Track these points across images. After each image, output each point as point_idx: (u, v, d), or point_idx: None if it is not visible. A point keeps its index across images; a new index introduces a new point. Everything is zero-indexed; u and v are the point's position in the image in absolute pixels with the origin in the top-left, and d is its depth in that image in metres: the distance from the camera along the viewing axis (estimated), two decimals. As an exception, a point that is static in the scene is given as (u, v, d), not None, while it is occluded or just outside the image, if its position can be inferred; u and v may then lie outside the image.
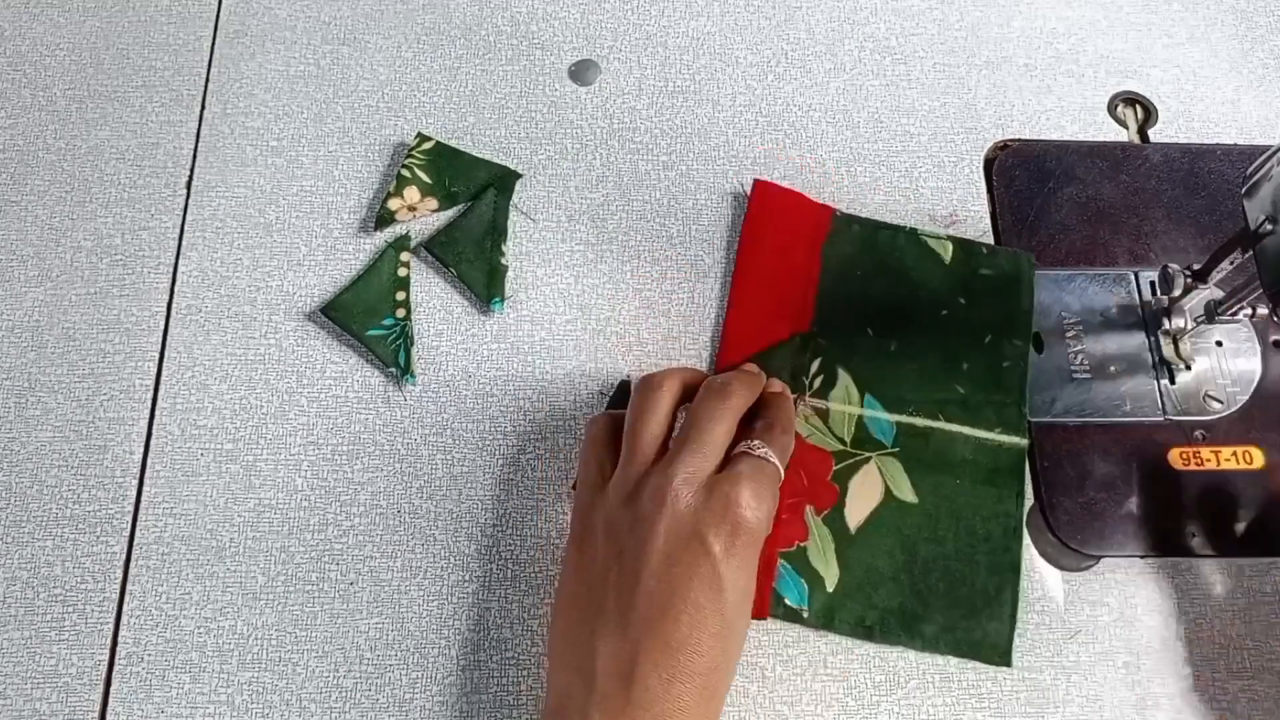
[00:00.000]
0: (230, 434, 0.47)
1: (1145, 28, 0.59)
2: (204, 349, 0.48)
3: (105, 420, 0.47)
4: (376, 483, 0.46)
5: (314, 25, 0.56)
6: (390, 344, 0.48)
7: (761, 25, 0.57)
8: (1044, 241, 0.52)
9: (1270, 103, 0.57)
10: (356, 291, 0.49)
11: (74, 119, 0.53)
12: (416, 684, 0.43)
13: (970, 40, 0.57)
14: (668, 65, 0.56)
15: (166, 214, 0.51)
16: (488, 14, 0.57)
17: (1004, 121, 0.55)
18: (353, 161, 0.53)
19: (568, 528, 0.44)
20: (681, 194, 0.53)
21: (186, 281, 0.50)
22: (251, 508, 0.45)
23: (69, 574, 0.44)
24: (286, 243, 0.51)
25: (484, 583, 0.45)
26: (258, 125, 0.53)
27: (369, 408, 0.48)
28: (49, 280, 0.50)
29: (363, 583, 0.44)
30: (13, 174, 0.52)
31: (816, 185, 0.53)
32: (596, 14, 0.57)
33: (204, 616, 0.44)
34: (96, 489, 0.46)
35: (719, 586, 0.35)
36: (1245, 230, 0.40)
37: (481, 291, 0.49)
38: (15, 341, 0.48)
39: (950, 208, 0.53)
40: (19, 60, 0.55)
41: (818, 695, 0.43)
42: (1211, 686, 0.43)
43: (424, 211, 0.51)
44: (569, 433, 0.47)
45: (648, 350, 0.49)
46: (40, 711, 0.42)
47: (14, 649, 0.43)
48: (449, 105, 0.54)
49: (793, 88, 0.56)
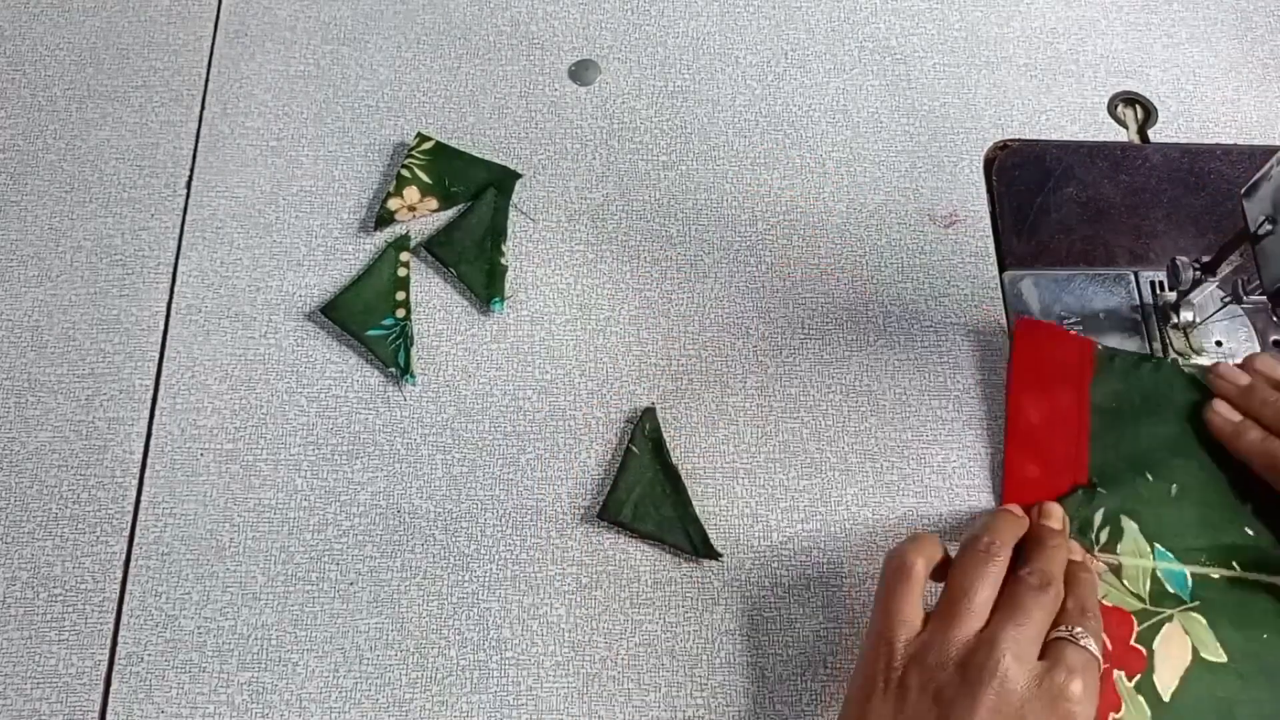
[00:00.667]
0: (230, 434, 0.47)
1: (1145, 28, 0.59)
2: (204, 349, 0.48)
3: (105, 420, 0.47)
4: (376, 483, 0.46)
5: (314, 25, 0.56)
6: (390, 344, 0.48)
7: (761, 25, 0.57)
8: (1044, 241, 0.52)
9: (1270, 103, 0.57)
10: (356, 291, 0.49)
11: (74, 119, 0.53)
12: (416, 684, 0.43)
13: (970, 40, 0.57)
14: (668, 65, 0.56)
15: (166, 214, 0.51)
16: (488, 14, 0.57)
17: (1004, 121, 0.55)
18: (353, 161, 0.53)
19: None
20: (681, 194, 0.53)
21: (186, 281, 0.50)
22: (251, 508, 0.45)
23: (69, 574, 0.44)
24: (286, 243, 0.51)
25: (484, 583, 0.45)
26: (258, 125, 0.53)
27: (369, 408, 0.48)
28: (49, 280, 0.50)
29: (362, 583, 0.44)
30: (13, 174, 0.52)
31: (816, 185, 0.53)
32: (596, 14, 0.57)
33: (204, 616, 0.44)
34: (96, 489, 0.46)
35: None
36: (1245, 230, 0.40)
37: (481, 291, 0.49)
38: (15, 341, 0.48)
39: (950, 208, 0.53)
40: (19, 60, 0.55)
41: (817, 695, 0.43)
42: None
43: (424, 211, 0.51)
44: (569, 433, 0.47)
45: (648, 350, 0.49)
46: (40, 711, 0.42)
47: (14, 649, 0.43)
48: (449, 105, 0.54)
49: (793, 88, 0.56)
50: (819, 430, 0.48)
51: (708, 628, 0.44)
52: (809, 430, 0.48)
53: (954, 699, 0.35)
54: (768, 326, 0.50)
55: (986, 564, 0.39)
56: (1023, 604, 0.38)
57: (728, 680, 0.43)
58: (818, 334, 0.50)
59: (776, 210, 0.53)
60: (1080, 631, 0.37)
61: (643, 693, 0.43)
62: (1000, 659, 0.36)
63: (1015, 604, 0.38)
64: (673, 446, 0.47)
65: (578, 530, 0.46)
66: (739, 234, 0.52)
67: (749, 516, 0.46)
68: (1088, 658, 0.37)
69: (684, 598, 0.45)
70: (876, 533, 0.46)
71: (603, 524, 0.46)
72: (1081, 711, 0.36)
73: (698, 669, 0.44)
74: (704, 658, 0.44)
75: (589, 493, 0.46)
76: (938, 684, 0.36)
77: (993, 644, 0.36)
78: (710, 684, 0.43)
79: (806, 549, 0.46)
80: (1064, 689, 0.35)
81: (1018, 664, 0.36)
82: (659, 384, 0.49)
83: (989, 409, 0.49)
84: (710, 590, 0.45)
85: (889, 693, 0.37)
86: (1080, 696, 0.36)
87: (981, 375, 0.49)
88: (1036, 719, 0.35)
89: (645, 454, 0.46)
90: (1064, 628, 0.38)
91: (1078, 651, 0.37)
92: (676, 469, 0.46)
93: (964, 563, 0.40)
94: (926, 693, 0.36)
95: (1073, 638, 0.37)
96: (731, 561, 0.45)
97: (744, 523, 0.46)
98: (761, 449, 0.48)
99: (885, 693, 0.37)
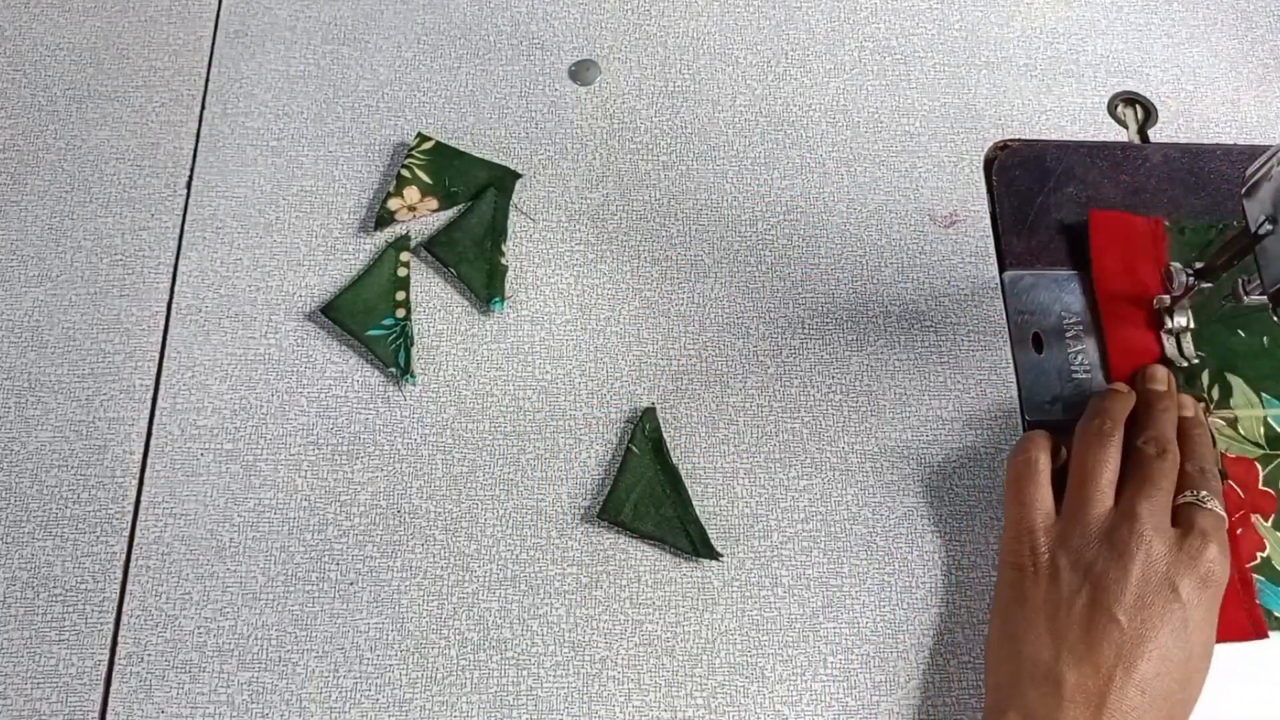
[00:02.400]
0: (230, 434, 0.47)
1: (1145, 28, 0.59)
2: (204, 349, 0.48)
3: (105, 420, 0.47)
4: (376, 483, 0.46)
5: (314, 25, 0.56)
6: (390, 344, 0.48)
7: (761, 25, 0.57)
8: (1044, 241, 0.52)
9: (1270, 103, 0.57)
10: (356, 291, 0.49)
11: (74, 119, 0.53)
12: (416, 684, 0.43)
13: (970, 40, 0.57)
14: (668, 65, 0.56)
15: (166, 214, 0.51)
16: (488, 14, 0.57)
17: (1004, 121, 0.55)
18: (353, 161, 0.53)
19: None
20: (681, 194, 0.53)
21: (186, 281, 0.50)
22: (251, 508, 0.45)
23: (69, 574, 0.44)
24: (286, 243, 0.51)
25: (484, 583, 0.45)
26: (258, 125, 0.53)
27: (369, 408, 0.48)
28: (49, 280, 0.50)
29: (362, 583, 0.44)
30: (13, 174, 0.52)
31: (816, 185, 0.53)
32: (596, 14, 0.57)
33: (204, 616, 0.44)
34: (96, 489, 0.46)
35: (1186, 633, 0.38)
36: (1245, 230, 0.40)
37: (481, 291, 0.49)
38: (15, 341, 0.48)
39: (950, 208, 0.53)
40: (19, 60, 0.55)
41: (818, 695, 0.43)
42: (1211, 686, 0.43)
43: (424, 211, 0.51)
44: (569, 433, 0.47)
45: (648, 350, 0.49)
46: (40, 711, 0.42)
47: (14, 649, 0.43)
48: (449, 105, 0.54)
49: (793, 88, 0.56)
50: (819, 430, 0.48)
51: (708, 628, 0.44)
52: (809, 430, 0.48)
53: (1104, 572, 0.39)
54: (768, 326, 0.50)
55: (1103, 446, 0.42)
56: (1149, 475, 0.41)
57: (728, 680, 0.43)
58: (818, 334, 0.50)
59: (776, 210, 0.53)
60: (1205, 495, 0.41)
61: (643, 693, 0.43)
62: (1143, 531, 0.39)
63: (1142, 477, 0.41)
64: (673, 446, 0.47)
65: (578, 530, 0.46)
66: (739, 234, 0.52)
67: (749, 516, 0.46)
68: (1216, 518, 0.40)
69: (684, 598, 0.45)
70: (876, 532, 0.46)
71: (603, 524, 0.46)
72: (1219, 569, 0.39)
73: (698, 669, 0.44)
74: (704, 658, 0.44)
75: (589, 493, 0.46)
76: (1086, 560, 0.40)
77: (1133, 518, 0.40)
78: (710, 684, 0.43)
79: (806, 549, 0.46)
80: (1202, 551, 0.39)
81: (1157, 534, 0.39)
82: (659, 384, 0.49)
83: (990, 409, 0.49)
84: (710, 590, 0.45)
85: (1040, 575, 0.40)
86: (1217, 556, 0.39)
87: (982, 375, 0.49)
88: (1181, 581, 0.38)
89: (645, 454, 0.46)
90: (1189, 493, 0.41)
91: (1205, 514, 0.40)
92: (676, 469, 0.46)
93: (1083, 449, 0.43)
94: (1077, 570, 0.40)
95: (1199, 501, 0.41)
96: (731, 561, 0.45)
97: (744, 523, 0.46)
98: (761, 449, 0.48)
99: (1036, 575, 0.41)
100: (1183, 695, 0.38)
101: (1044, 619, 0.39)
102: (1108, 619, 0.38)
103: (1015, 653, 0.40)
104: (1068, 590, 0.39)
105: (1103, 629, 0.38)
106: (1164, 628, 0.38)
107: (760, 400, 0.48)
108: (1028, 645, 0.40)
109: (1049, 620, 0.39)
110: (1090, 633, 0.38)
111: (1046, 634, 0.39)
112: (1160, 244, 0.51)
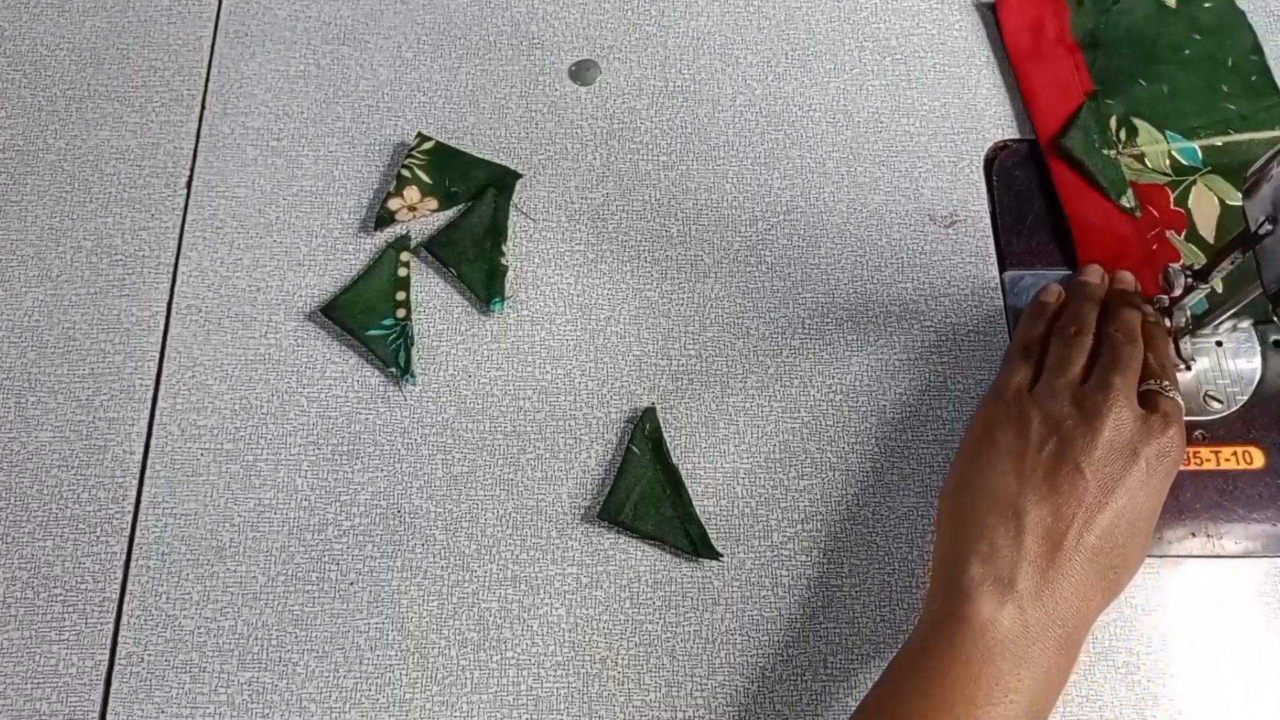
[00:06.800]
0: (230, 434, 0.47)
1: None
2: (204, 349, 0.48)
3: (105, 420, 0.47)
4: (376, 483, 0.46)
5: (314, 25, 0.56)
6: (390, 344, 0.48)
7: (761, 25, 0.57)
8: (1044, 241, 0.52)
9: (1270, 103, 0.57)
10: (356, 291, 0.49)
11: (74, 119, 0.53)
12: (416, 684, 0.43)
13: (970, 40, 0.57)
14: (668, 65, 0.56)
15: (166, 214, 0.51)
16: (488, 14, 0.57)
17: (1004, 121, 0.55)
18: (353, 161, 0.53)
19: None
20: (681, 194, 0.53)
21: (186, 281, 0.50)
22: (251, 508, 0.45)
23: (69, 574, 0.44)
24: (286, 243, 0.51)
25: (484, 583, 0.45)
26: (258, 125, 0.53)
27: (369, 408, 0.48)
28: (49, 280, 0.50)
29: (362, 583, 0.44)
30: (13, 174, 0.52)
31: (816, 185, 0.53)
32: (596, 14, 0.57)
33: (204, 616, 0.44)
34: (96, 489, 0.46)
35: (1141, 496, 0.41)
36: (1245, 231, 0.40)
37: (481, 291, 0.49)
38: (15, 341, 0.48)
39: (950, 208, 0.53)
40: (19, 60, 0.55)
41: (818, 695, 0.43)
42: (1211, 686, 0.43)
43: (424, 211, 0.51)
44: (569, 433, 0.47)
45: (648, 350, 0.49)
46: (40, 711, 0.42)
47: (14, 649, 0.43)
48: (449, 105, 0.54)
49: (793, 88, 0.56)
50: (819, 430, 0.48)
51: (708, 628, 0.44)
52: (809, 430, 0.48)
53: (1074, 430, 0.41)
54: (768, 326, 0.50)
55: (1075, 345, 0.45)
56: (1119, 356, 0.44)
57: (728, 680, 0.43)
58: (818, 334, 0.50)
59: (776, 210, 0.53)
60: (1167, 384, 0.44)
61: (643, 693, 0.43)
62: (1114, 399, 0.42)
63: (1114, 357, 0.44)
64: (673, 446, 0.47)
65: (578, 530, 0.46)
66: (739, 234, 0.52)
67: (749, 516, 0.46)
68: (1177, 405, 0.43)
69: (684, 598, 0.45)
70: (876, 533, 0.46)
71: (603, 524, 0.46)
72: (1176, 449, 0.42)
73: (698, 669, 0.44)
74: (704, 658, 0.44)
75: (589, 493, 0.46)
76: (1056, 418, 0.42)
77: (1107, 387, 0.42)
78: (710, 684, 0.43)
79: (806, 549, 0.46)
80: (1164, 429, 0.41)
81: (1127, 406, 0.42)
82: (659, 384, 0.49)
83: (989, 409, 0.49)
84: (710, 590, 0.45)
85: (1010, 420, 0.43)
86: (1176, 436, 0.42)
87: (982, 375, 0.49)
88: (1143, 450, 0.41)
89: (645, 454, 0.47)
90: (1153, 381, 0.44)
91: (1168, 400, 0.43)
92: (676, 469, 0.46)
93: (1058, 346, 0.45)
94: (1047, 424, 0.42)
95: (1161, 389, 0.43)
96: (731, 561, 0.45)
97: (744, 523, 0.46)
98: (761, 449, 0.48)
99: (1008, 419, 0.43)
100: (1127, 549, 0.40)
101: (1011, 460, 0.42)
102: (1072, 468, 0.40)
103: (978, 487, 0.42)
104: (1037, 439, 0.42)
105: (1066, 476, 0.40)
106: (1121, 487, 0.40)
107: (760, 400, 0.48)
108: (992, 480, 0.41)
109: (1015, 461, 0.41)
110: (1054, 478, 0.40)
111: (1011, 473, 0.41)
112: (1062, 11, 0.57)
